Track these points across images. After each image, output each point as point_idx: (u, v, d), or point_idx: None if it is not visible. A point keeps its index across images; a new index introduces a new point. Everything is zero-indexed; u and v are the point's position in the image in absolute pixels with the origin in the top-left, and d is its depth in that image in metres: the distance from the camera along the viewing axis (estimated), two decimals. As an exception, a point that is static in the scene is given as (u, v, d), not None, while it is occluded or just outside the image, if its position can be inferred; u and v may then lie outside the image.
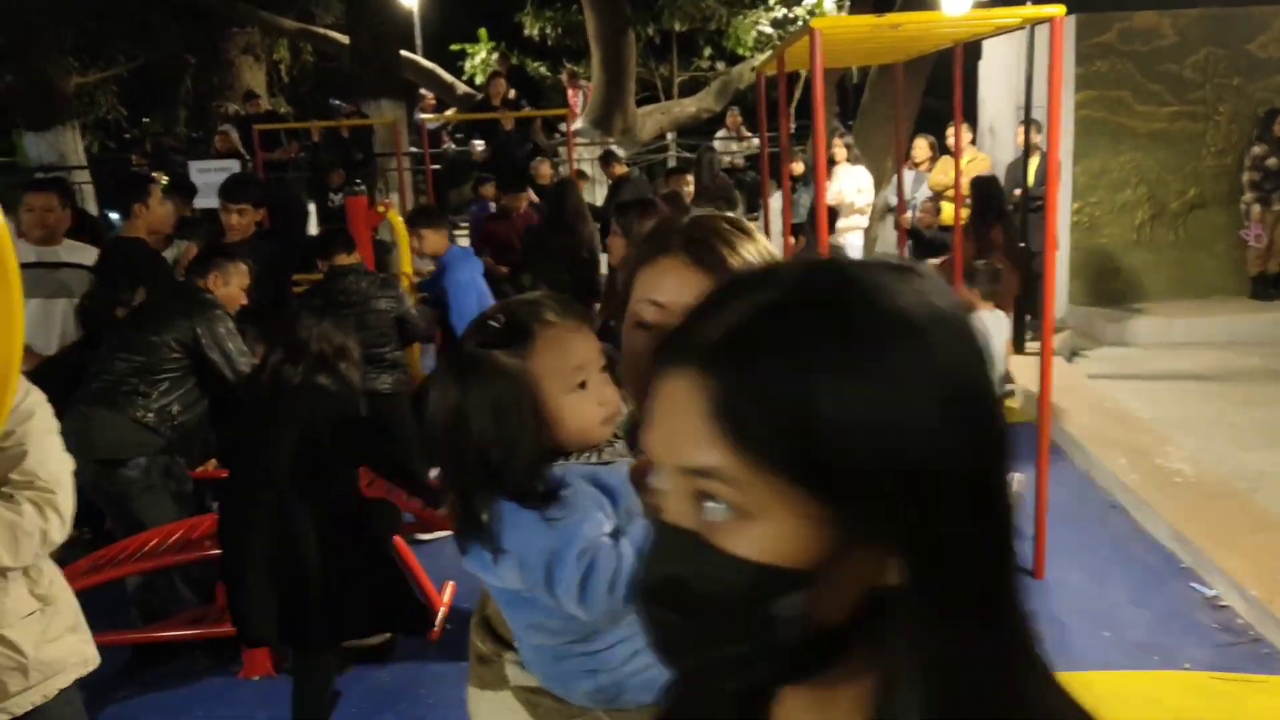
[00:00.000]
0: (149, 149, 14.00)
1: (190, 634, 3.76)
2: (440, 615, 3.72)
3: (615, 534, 1.21)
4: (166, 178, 6.75)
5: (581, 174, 9.70)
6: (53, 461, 2.17)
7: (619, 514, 1.22)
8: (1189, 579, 4.35)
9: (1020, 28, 4.78)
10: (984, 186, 7.29)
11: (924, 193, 8.74)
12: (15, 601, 2.16)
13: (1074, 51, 8.97)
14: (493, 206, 8.74)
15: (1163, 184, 9.27)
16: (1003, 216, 7.28)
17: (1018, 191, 8.48)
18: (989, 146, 10.49)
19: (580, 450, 1.25)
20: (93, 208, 11.22)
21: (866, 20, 4.33)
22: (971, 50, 11.72)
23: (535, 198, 8.56)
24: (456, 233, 11.61)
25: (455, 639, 3.84)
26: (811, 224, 7.50)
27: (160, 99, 19.25)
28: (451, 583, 4.13)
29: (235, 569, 3.16)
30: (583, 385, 1.24)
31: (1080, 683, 2.80)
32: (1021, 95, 8.00)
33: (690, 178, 7.60)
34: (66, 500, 2.17)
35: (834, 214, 8.32)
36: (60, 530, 2.15)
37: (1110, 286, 9.38)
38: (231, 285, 4.10)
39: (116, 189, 5.06)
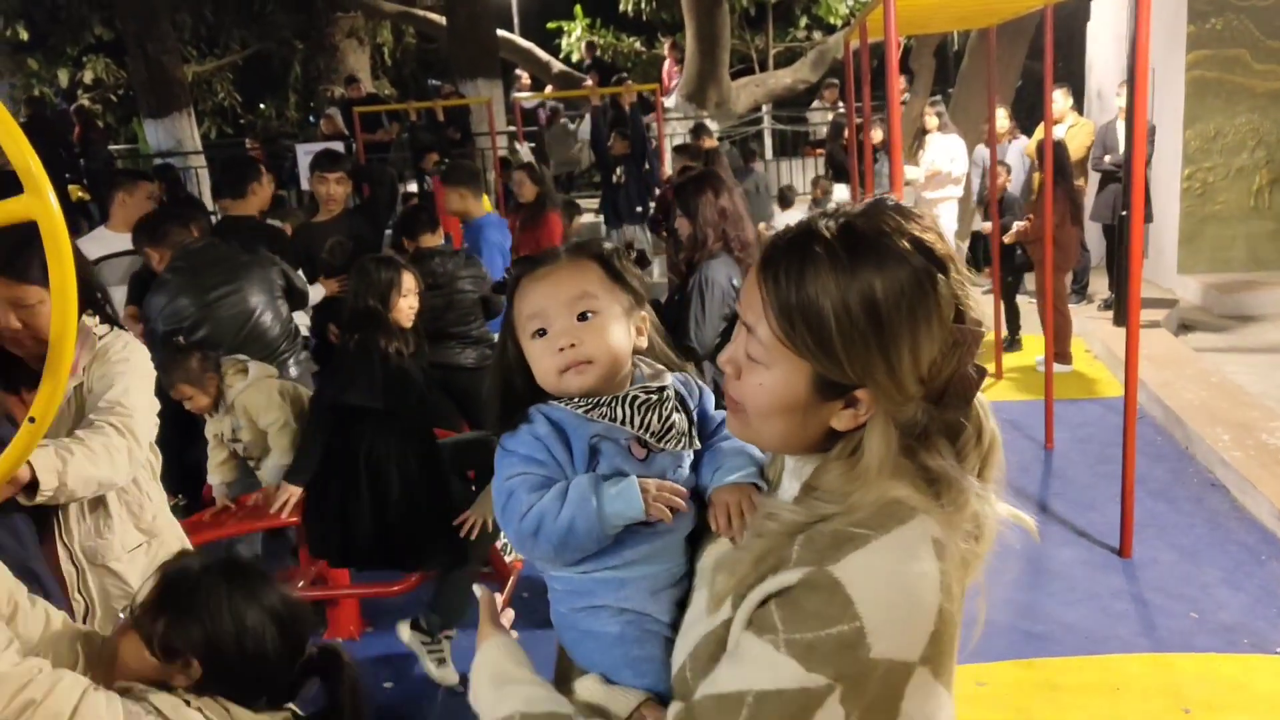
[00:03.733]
0: (261, 133, 14.56)
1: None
2: (510, 583, 3.81)
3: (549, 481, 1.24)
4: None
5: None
6: (135, 393, 2.31)
7: (569, 464, 1.24)
8: (1289, 560, 4.17)
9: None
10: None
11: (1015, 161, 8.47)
12: (121, 536, 2.34)
13: (1185, 9, 8.56)
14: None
15: (1284, 147, 8.79)
16: (1068, 182, 7.00)
17: (1108, 157, 8.13)
18: (1095, 111, 10.11)
19: (563, 397, 1.26)
20: (207, 194, 11.70)
21: (944, -16, 4.21)
22: (1080, 12, 11.29)
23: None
24: (581, 199, 11.60)
25: (529, 604, 3.94)
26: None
27: (272, 85, 19.92)
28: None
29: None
30: (541, 333, 1.25)
31: (1163, 664, 2.75)
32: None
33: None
34: (144, 427, 2.30)
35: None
36: (140, 451, 2.28)
37: (1224, 255, 8.96)
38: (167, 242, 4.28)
39: (228, 170, 5.23)
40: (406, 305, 3.65)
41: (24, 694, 1.42)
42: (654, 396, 1.26)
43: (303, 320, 4.82)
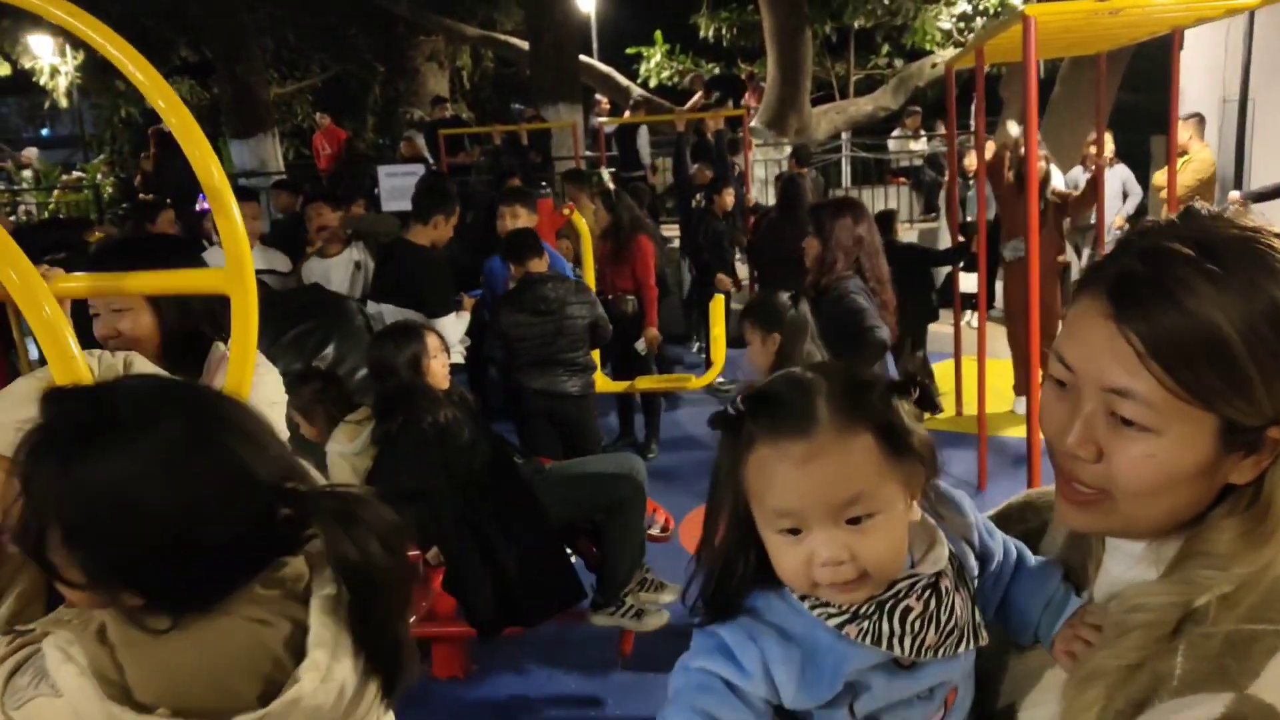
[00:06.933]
0: (347, 154, 14.69)
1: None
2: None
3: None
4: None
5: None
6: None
7: (803, 692, 0.94)
8: None
9: (1256, 7, 4.39)
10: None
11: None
12: None
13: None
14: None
15: (1402, 180, 8.38)
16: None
17: (1234, 194, 7.72)
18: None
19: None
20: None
21: (1084, 6, 4.02)
22: (1166, 39, 10.94)
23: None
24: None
25: (644, 650, 3.79)
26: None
27: (351, 107, 20.19)
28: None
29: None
30: (793, 531, 0.94)
31: None
32: (1226, 87, 7.37)
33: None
34: None
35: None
36: None
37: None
38: None
39: (426, 193, 5.05)
40: (439, 366, 3.50)
41: None
42: (931, 599, 0.96)
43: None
